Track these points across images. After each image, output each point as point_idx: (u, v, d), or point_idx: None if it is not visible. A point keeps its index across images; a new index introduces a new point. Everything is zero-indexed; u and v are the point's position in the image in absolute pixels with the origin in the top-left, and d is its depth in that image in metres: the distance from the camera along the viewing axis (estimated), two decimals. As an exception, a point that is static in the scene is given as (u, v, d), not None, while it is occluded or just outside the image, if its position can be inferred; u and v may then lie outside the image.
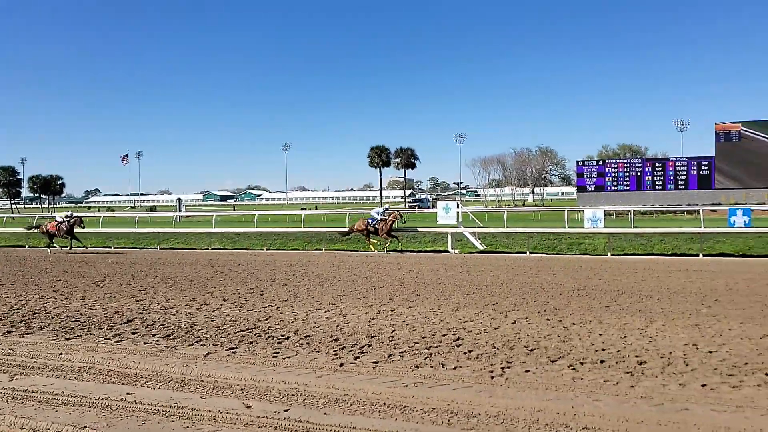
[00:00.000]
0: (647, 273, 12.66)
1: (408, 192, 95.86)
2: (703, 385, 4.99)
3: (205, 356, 6.23)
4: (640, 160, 49.43)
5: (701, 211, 26.81)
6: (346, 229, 21.01)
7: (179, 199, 71.72)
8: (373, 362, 5.88)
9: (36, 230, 22.20)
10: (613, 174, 47.47)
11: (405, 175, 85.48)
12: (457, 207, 21.45)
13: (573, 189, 60.36)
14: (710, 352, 6.08)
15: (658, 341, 6.59)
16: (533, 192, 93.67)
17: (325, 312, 8.62)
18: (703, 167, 44.96)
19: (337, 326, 7.61)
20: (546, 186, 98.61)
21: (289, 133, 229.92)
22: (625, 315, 8.11)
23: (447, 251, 19.06)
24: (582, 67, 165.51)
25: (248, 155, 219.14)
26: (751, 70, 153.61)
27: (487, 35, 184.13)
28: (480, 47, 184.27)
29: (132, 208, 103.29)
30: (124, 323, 8.00)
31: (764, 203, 38.73)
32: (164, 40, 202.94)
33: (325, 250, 20.43)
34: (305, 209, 63.13)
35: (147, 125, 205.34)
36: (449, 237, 19.59)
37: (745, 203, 35.53)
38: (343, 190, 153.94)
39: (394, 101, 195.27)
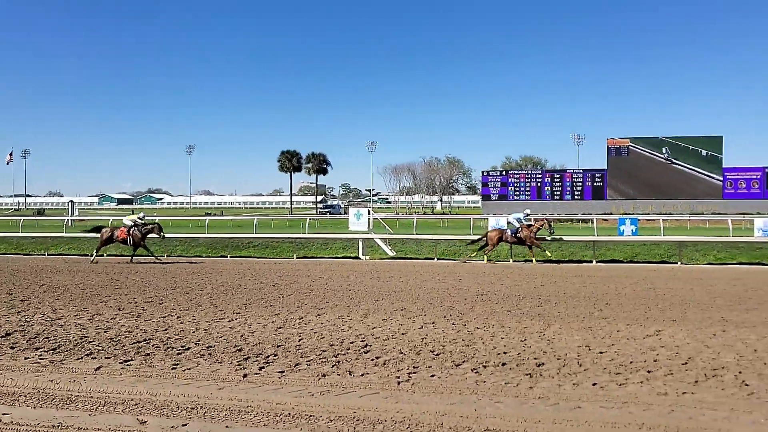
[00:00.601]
0: (546, 278, 13.35)
1: (320, 198, 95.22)
2: (594, 384, 5.29)
3: (95, 370, 5.79)
4: (540, 172, 52.26)
5: (594, 220, 28.69)
6: (478, 237, 18.81)
7: (71, 201, 66.61)
8: (279, 372, 5.73)
9: (95, 234, 18.98)
10: (516, 184, 49.86)
11: (317, 180, 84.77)
12: (369, 214, 21.61)
13: (479, 198, 62.73)
14: (601, 352, 6.48)
15: (555, 343, 6.93)
16: (441, 200, 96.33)
17: (229, 321, 8.32)
18: (596, 179, 48.30)
19: (242, 336, 7.37)
20: (454, 194, 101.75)
21: (194, 135, 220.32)
22: (525, 319, 8.48)
23: (358, 258, 19.11)
24: (489, 81, 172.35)
25: (149, 157, 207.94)
26: (644, 86, 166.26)
27: (399, 43, 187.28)
28: (393, 55, 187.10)
29: (16, 210, 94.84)
30: (2, 337, 7.28)
31: (649, 214, 42.14)
32: (58, 33, 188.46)
33: (231, 256, 19.81)
34: (210, 214, 60.91)
35: (35, 123, 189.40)
36: (360, 243, 19.66)
37: (633, 214, 38.51)
38: (252, 195, 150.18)
39: (305, 106, 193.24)
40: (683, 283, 12.45)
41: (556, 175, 49.75)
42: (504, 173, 52.27)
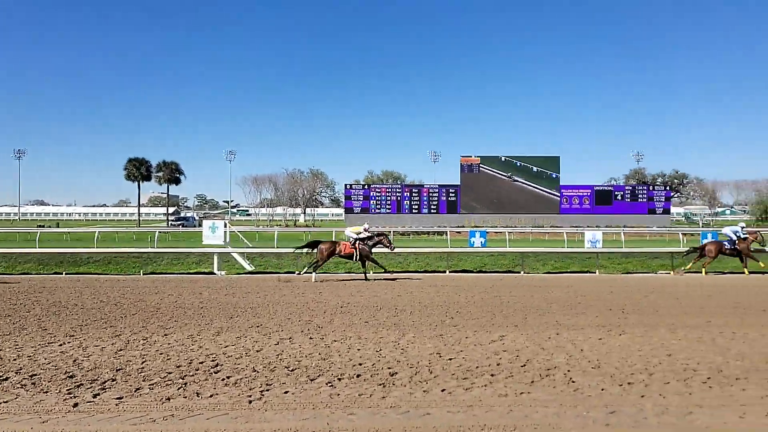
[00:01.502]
0: (402, 288, 13.77)
1: (172, 209, 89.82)
2: (443, 390, 5.51)
3: None
4: (400, 186, 54.25)
5: (448, 232, 30.32)
6: (692, 248, 18.87)
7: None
8: (117, 398, 5.23)
9: (310, 250, 16.52)
10: (377, 198, 51.31)
11: (168, 190, 79.44)
12: (225, 226, 20.73)
13: (342, 210, 63.46)
14: (450, 359, 6.78)
15: (409, 352, 7.13)
16: (305, 212, 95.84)
17: (61, 345, 7.46)
18: (450, 194, 51.31)
19: (75, 361, 6.63)
20: (317, 207, 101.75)
21: (23, 139, 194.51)
22: (381, 329, 8.63)
23: (213, 273, 18.25)
24: (352, 96, 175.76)
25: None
26: (493, 106, 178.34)
27: (255, 54, 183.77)
28: (251, 66, 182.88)
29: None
30: None
31: (497, 227, 45.51)
32: None
33: (66, 273, 17.91)
34: (43, 226, 54.85)
35: None
36: (215, 258, 18.80)
37: (483, 227, 41.36)
38: (94, 206, 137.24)
39: (155, 112, 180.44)
40: (525, 291, 13.51)
41: (414, 190, 52.00)
42: (366, 187, 53.58)
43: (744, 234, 18.00)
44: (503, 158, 52.69)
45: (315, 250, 16.39)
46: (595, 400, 5.26)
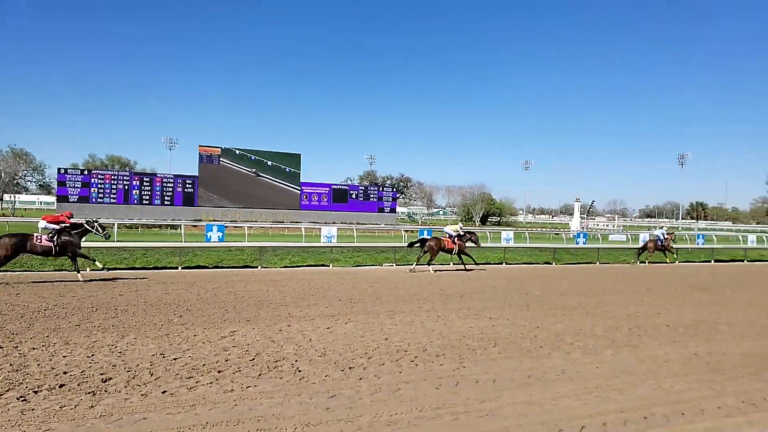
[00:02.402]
0: (126, 287, 12.53)
1: None
2: (164, 392, 5.15)
3: None
4: (128, 173, 49.33)
5: (183, 226, 28.74)
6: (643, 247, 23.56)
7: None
8: None
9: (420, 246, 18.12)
10: (100, 185, 45.80)
11: None
12: None
13: (54, 198, 55.11)
14: (175, 359, 6.39)
15: (128, 355, 6.50)
16: (2, 199, 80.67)
17: None
18: (188, 185, 48.62)
19: None
20: (21, 193, 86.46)
21: None
22: (96, 332, 7.71)
23: None
24: (70, 69, 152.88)
25: None
26: (242, 99, 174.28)
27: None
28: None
29: None
30: None
31: (237, 221, 44.80)
32: None
33: None
34: None
35: None
36: None
37: (222, 221, 40.26)
38: None
39: None
40: (260, 285, 13.55)
41: (145, 179, 47.91)
42: (86, 172, 47.35)
43: (665, 236, 25.14)
44: (245, 152, 52.11)
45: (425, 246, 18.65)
46: (318, 386, 5.51)
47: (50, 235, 13.39)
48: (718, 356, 7.34)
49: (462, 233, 19.40)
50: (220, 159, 50.74)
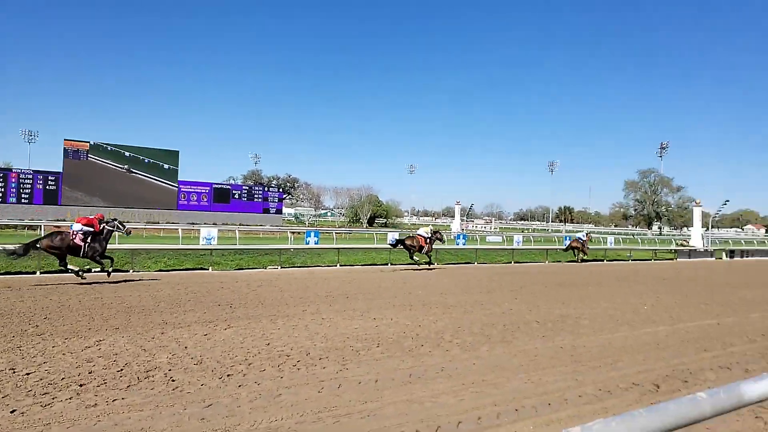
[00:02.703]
0: (-28, 294, 11.14)
1: None
2: (13, 411, 4.63)
3: None
4: (-24, 169, 44.07)
5: (43, 227, 26.21)
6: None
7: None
8: None
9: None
10: (-58, 181, 40.47)
11: None
12: None
13: None
14: (28, 373, 5.76)
15: (-31, 372, 5.75)
16: None
17: None
18: (50, 182, 44.31)
19: None
20: None
21: None
22: (-70, 347, 6.74)
23: None
24: None
25: None
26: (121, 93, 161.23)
27: None
28: None
29: None
30: None
31: (106, 222, 41.67)
32: None
33: None
34: None
35: None
36: None
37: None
38: None
39: None
40: (131, 290, 12.66)
41: (-1, 175, 43.03)
42: (-75, 166, 41.58)
43: (584, 237, 29.57)
44: (118, 147, 48.54)
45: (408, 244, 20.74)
46: (193, 396, 5.22)
47: (83, 236, 13.73)
48: (581, 349, 7.97)
49: (431, 235, 21.45)
50: (89, 155, 46.88)
